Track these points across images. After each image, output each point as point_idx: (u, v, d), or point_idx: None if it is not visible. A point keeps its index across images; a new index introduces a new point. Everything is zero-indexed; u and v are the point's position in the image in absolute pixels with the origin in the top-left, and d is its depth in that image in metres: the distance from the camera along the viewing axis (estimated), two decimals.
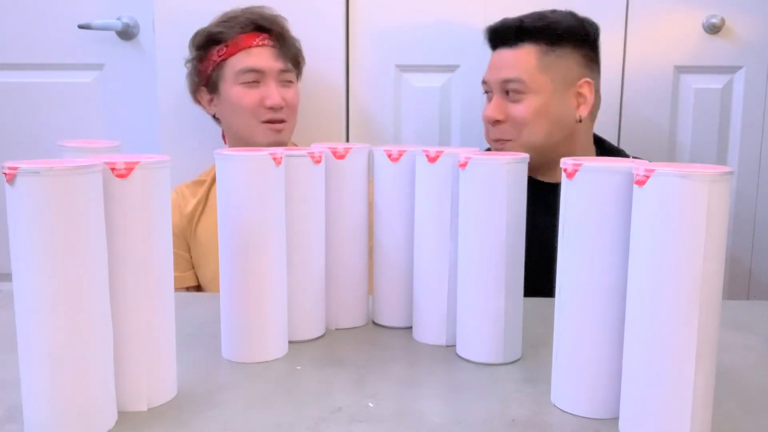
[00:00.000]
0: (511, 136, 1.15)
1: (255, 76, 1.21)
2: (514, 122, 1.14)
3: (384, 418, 0.57)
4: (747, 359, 0.73)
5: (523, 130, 1.13)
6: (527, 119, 1.12)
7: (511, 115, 1.14)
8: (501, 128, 1.15)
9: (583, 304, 0.58)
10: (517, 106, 1.13)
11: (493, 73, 1.16)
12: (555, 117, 1.14)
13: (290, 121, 1.26)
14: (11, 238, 0.51)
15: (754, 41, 1.35)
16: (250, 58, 1.21)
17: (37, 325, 0.51)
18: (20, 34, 1.53)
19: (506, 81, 1.13)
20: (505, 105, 1.14)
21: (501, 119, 1.14)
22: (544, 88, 1.12)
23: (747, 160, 1.39)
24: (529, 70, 1.12)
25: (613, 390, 0.57)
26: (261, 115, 1.21)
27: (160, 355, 0.59)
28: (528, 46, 1.13)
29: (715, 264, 0.50)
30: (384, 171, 0.79)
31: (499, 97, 1.15)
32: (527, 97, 1.12)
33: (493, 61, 1.18)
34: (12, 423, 0.56)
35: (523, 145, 1.14)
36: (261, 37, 1.22)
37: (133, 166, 0.55)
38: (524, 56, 1.13)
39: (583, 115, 1.15)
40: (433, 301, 0.75)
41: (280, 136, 1.24)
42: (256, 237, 0.68)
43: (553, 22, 1.13)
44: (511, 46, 1.14)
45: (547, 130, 1.14)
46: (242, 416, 0.58)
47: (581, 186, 0.57)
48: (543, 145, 1.14)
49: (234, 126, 1.25)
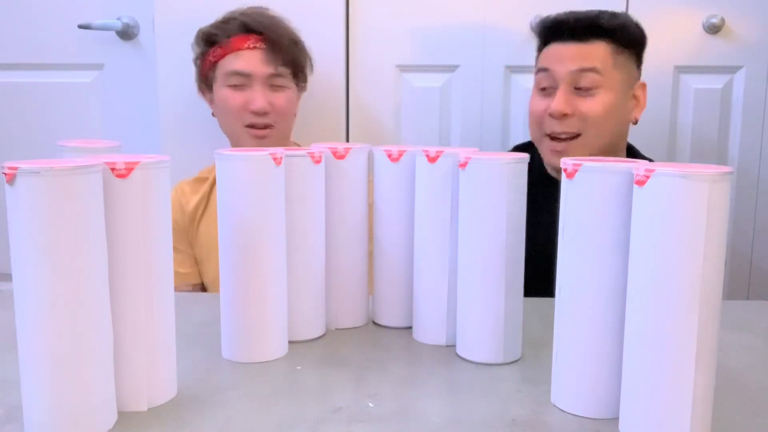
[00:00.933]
0: (578, 131, 1.09)
1: (241, 79, 1.20)
2: (583, 117, 1.09)
3: (384, 418, 0.57)
4: (747, 359, 0.73)
5: (591, 126, 1.09)
6: (599, 115, 1.08)
7: (579, 109, 1.09)
8: (568, 122, 1.09)
9: (583, 304, 0.58)
10: (589, 100, 1.09)
11: (561, 64, 1.10)
12: (621, 117, 1.12)
13: (278, 127, 1.23)
14: (11, 238, 0.51)
15: (754, 41, 1.35)
16: (238, 61, 1.20)
17: (37, 325, 0.51)
18: (20, 34, 1.53)
19: (581, 71, 1.08)
20: (572, 99, 1.09)
21: (569, 113, 1.09)
22: (616, 85, 1.10)
23: (747, 160, 1.39)
24: (605, 64, 1.09)
25: (613, 390, 0.57)
26: (245, 118, 1.20)
27: (160, 355, 0.59)
28: (600, 42, 1.09)
29: (715, 264, 0.50)
30: (384, 171, 0.79)
31: (566, 91, 1.09)
32: (600, 92, 1.09)
33: (557, 51, 1.12)
34: (12, 423, 0.56)
35: (588, 143, 1.09)
36: (253, 40, 1.20)
37: (133, 166, 0.55)
38: (599, 51, 1.09)
39: (637, 118, 1.15)
40: (433, 301, 0.75)
41: (263, 143, 1.22)
42: (256, 237, 0.68)
43: (626, 24, 1.11)
44: (581, 40, 1.10)
45: (611, 130, 1.11)
46: (242, 416, 0.58)
47: (581, 186, 0.57)
48: (605, 144, 1.10)
49: (223, 127, 1.26)
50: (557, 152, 1.11)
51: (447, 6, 1.38)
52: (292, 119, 1.28)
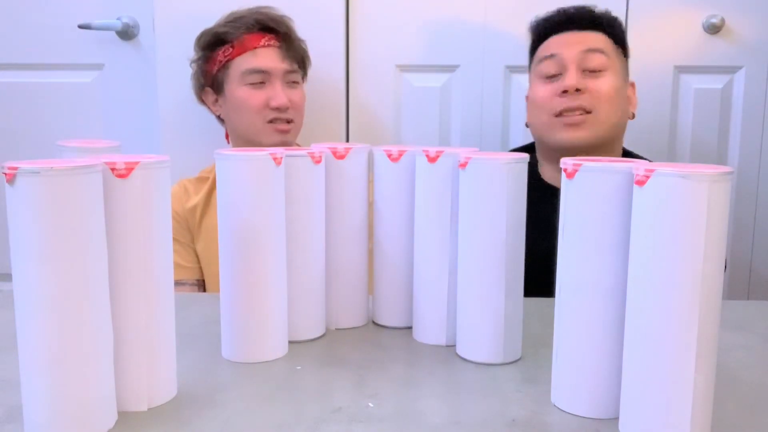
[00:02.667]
0: (591, 107, 1.10)
1: (261, 77, 1.21)
2: (595, 94, 1.10)
3: (384, 418, 0.57)
4: (747, 359, 0.73)
5: (602, 103, 1.10)
6: (609, 93, 1.10)
7: (589, 87, 1.10)
8: (582, 97, 1.10)
9: (583, 304, 0.58)
10: (598, 80, 1.11)
11: (570, 47, 1.12)
12: (623, 104, 1.14)
13: (297, 122, 1.26)
14: (11, 238, 0.51)
15: (754, 41, 1.35)
16: (257, 58, 1.21)
17: (37, 324, 0.51)
18: (20, 34, 1.53)
19: (589, 51, 1.11)
20: (582, 79, 1.11)
21: (582, 88, 1.10)
22: (619, 71, 1.13)
23: (747, 160, 1.39)
24: (608, 48, 1.13)
25: (613, 390, 0.57)
26: (266, 115, 1.22)
27: (160, 355, 0.59)
28: (599, 33, 1.14)
29: (715, 264, 0.50)
30: (384, 171, 0.79)
31: (576, 70, 1.11)
32: (607, 74, 1.11)
33: (563, 39, 1.14)
34: (12, 423, 0.56)
35: (599, 120, 1.10)
36: (267, 38, 1.22)
37: (133, 166, 0.55)
38: (601, 38, 1.14)
39: (634, 112, 1.18)
40: (433, 301, 0.75)
41: (286, 137, 1.24)
42: (256, 237, 0.68)
43: (618, 21, 1.16)
44: (584, 29, 1.14)
45: (618, 114, 1.13)
46: (242, 416, 0.58)
47: (581, 186, 0.57)
48: (613, 127, 1.12)
49: (240, 127, 1.25)
50: (572, 126, 1.11)
51: (447, 6, 1.38)
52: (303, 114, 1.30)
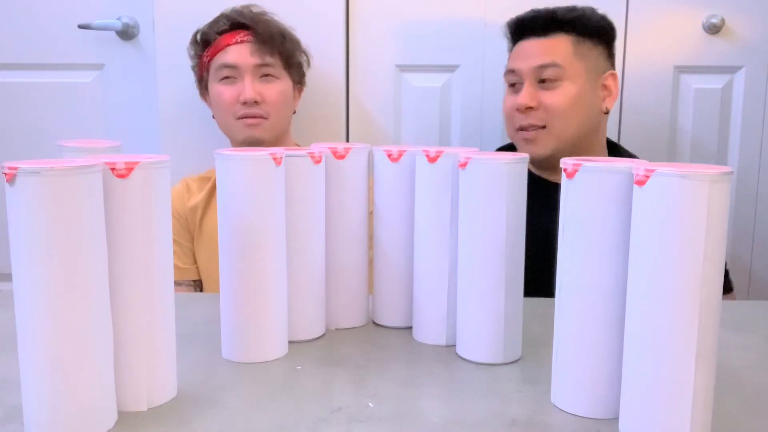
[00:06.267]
0: (543, 122, 1.13)
1: (230, 71, 1.22)
2: (548, 109, 1.12)
3: (384, 418, 0.57)
4: (747, 359, 0.73)
5: (556, 118, 1.12)
6: (563, 106, 1.11)
7: (544, 102, 1.12)
8: (533, 114, 1.13)
9: (583, 304, 0.58)
10: (552, 93, 1.12)
11: (525, 61, 1.14)
12: (587, 107, 1.14)
13: (271, 118, 1.23)
14: (11, 238, 0.51)
15: (754, 41, 1.35)
16: (227, 55, 1.22)
17: (37, 325, 0.51)
18: (20, 34, 1.53)
19: (542, 67, 1.12)
20: (537, 93, 1.13)
21: (533, 106, 1.12)
22: (579, 76, 1.13)
23: (747, 160, 1.39)
24: (566, 55, 1.12)
25: (613, 390, 0.57)
26: (236, 111, 1.22)
27: (160, 355, 0.59)
28: (561, 35, 1.13)
29: (715, 264, 0.50)
30: (384, 171, 0.79)
31: (531, 85, 1.13)
32: (563, 84, 1.12)
33: (522, 49, 1.16)
34: (12, 423, 0.56)
35: (554, 134, 1.13)
36: (241, 35, 1.23)
37: (133, 166, 0.55)
38: (560, 43, 1.13)
39: (609, 108, 1.17)
40: (433, 301, 0.75)
41: (254, 132, 1.22)
42: (256, 237, 0.68)
43: (584, 14, 1.15)
44: (542, 35, 1.14)
45: (578, 121, 1.13)
46: (242, 416, 0.58)
47: (581, 186, 0.57)
48: (573, 136, 1.13)
49: (219, 124, 1.28)
50: (527, 140, 1.15)
51: (447, 6, 1.38)
52: (288, 113, 1.28)
